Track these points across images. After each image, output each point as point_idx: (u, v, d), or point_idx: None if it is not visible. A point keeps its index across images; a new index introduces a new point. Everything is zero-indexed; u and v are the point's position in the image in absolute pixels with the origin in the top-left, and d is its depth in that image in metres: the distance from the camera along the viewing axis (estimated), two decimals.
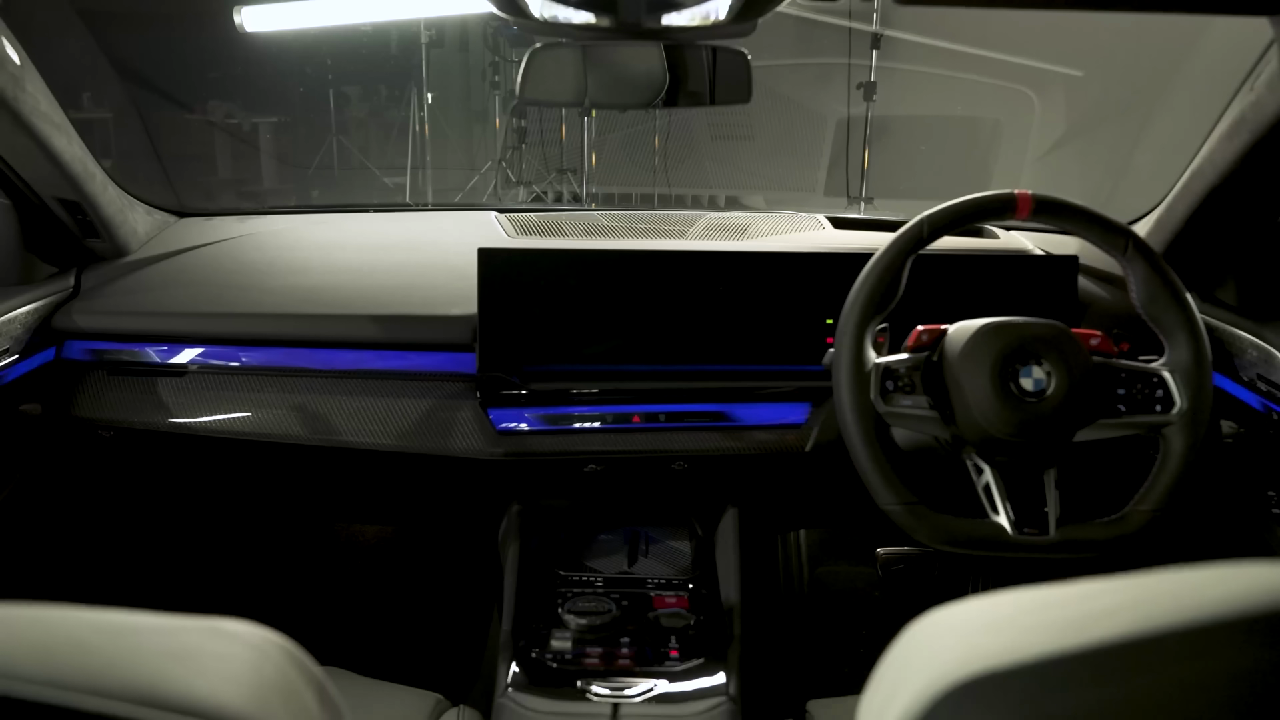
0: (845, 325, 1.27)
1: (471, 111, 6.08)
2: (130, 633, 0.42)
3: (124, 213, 1.63)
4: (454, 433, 1.51)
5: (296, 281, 1.59)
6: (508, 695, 1.24)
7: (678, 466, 1.57)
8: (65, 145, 1.42)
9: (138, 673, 0.40)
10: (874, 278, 1.28)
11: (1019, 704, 0.41)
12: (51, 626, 0.42)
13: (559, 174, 5.47)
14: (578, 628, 1.34)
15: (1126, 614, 0.42)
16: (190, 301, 1.56)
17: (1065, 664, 0.41)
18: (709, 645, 1.35)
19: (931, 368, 1.27)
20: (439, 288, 1.56)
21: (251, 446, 1.57)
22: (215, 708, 0.40)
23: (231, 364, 1.54)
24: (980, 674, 0.42)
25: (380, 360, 1.53)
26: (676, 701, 1.22)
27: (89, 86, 1.84)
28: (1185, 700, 0.40)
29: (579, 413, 1.51)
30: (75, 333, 1.55)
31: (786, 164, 5.19)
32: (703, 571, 1.54)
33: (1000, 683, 0.41)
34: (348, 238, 1.77)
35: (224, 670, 0.42)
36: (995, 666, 0.42)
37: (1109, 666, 0.41)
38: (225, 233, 1.75)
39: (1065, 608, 0.45)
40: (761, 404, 1.53)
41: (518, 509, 1.65)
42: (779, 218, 1.76)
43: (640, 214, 1.79)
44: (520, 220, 1.76)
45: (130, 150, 1.92)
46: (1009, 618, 0.45)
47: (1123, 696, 0.40)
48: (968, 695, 0.42)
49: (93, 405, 1.55)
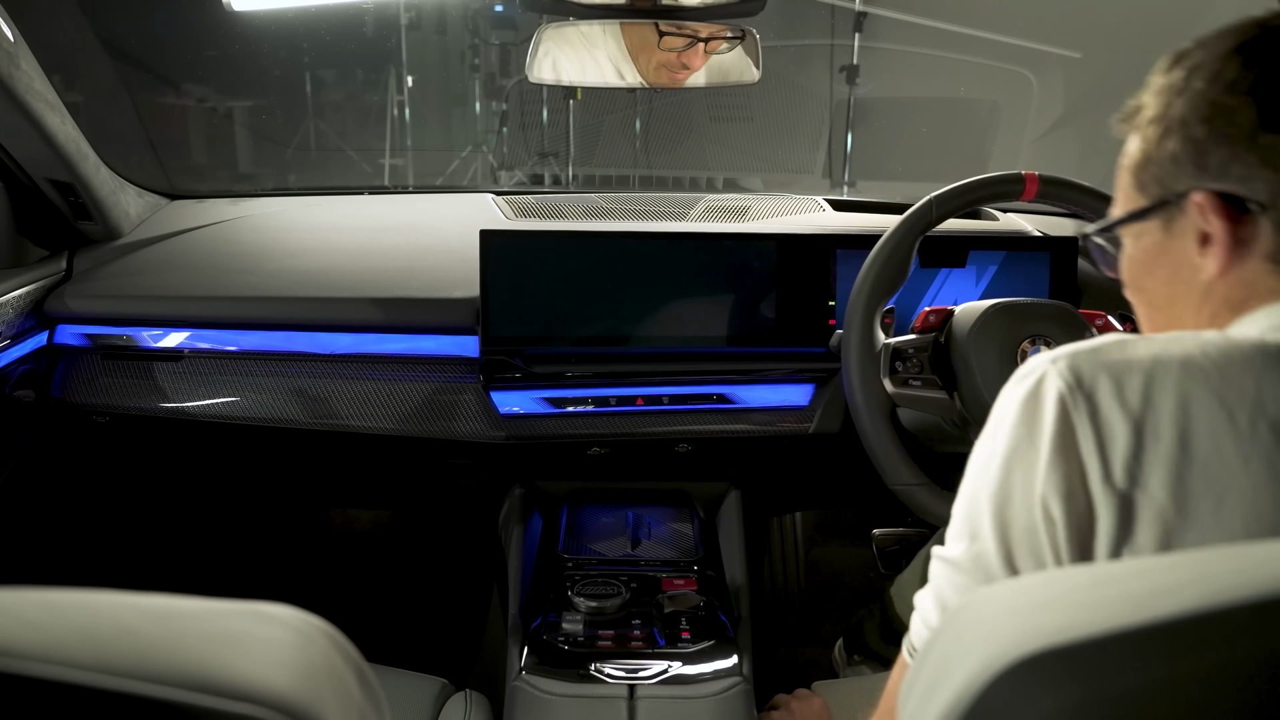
0: (854, 306, 1.27)
1: (450, 95, 6.02)
2: (175, 617, 0.42)
3: (116, 194, 1.60)
4: (456, 416, 1.50)
5: (294, 264, 1.57)
6: (521, 679, 1.23)
7: (681, 449, 1.57)
8: (59, 125, 1.39)
9: (186, 657, 0.39)
10: (883, 258, 1.28)
11: (1081, 681, 0.41)
12: (97, 611, 0.41)
13: (541, 158, 5.43)
14: (588, 610, 1.34)
15: (1192, 589, 0.42)
16: (185, 285, 1.54)
17: (1130, 639, 0.41)
18: (719, 627, 1.35)
19: (939, 349, 1.27)
20: (439, 270, 1.55)
21: (250, 431, 1.55)
22: (265, 692, 0.39)
23: (228, 348, 1.52)
24: (1039, 650, 0.42)
25: (381, 344, 1.51)
26: (691, 683, 1.23)
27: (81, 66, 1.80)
28: (1257, 674, 0.39)
29: (582, 395, 1.50)
30: (68, 317, 1.52)
31: (785, 145, 5.18)
32: (707, 553, 1.54)
33: (1061, 659, 0.41)
34: (344, 220, 1.75)
35: (272, 655, 0.42)
36: (1055, 643, 0.41)
37: (1177, 641, 0.40)
38: (219, 215, 1.73)
39: (1124, 584, 0.45)
40: (765, 386, 1.53)
41: (520, 492, 1.65)
42: (779, 200, 1.76)
43: (639, 196, 1.78)
44: (518, 203, 1.75)
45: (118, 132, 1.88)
46: (1064, 595, 0.45)
47: (1190, 672, 0.40)
48: (1027, 672, 0.42)
49: (86, 390, 1.53)
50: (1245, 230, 0.67)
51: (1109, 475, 0.59)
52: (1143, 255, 0.75)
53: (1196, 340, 0.62)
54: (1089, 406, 0.60)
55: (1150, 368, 0.60)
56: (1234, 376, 0.59)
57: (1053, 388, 0.62)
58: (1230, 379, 0.59)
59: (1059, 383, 0.62)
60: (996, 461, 0.65)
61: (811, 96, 4.96)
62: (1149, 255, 0.74)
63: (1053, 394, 0.62)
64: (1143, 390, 0.60)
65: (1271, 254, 0.66)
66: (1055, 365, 0.63)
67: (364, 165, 5.64)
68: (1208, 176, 0.67)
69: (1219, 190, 0.67)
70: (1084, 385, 0.61)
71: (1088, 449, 0.60)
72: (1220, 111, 0.66)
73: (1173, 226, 0.71)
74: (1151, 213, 0.72)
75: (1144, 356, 0.61)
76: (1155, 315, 0.76)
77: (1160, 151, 0.70)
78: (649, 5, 1.10)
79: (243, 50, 5.09)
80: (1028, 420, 0.63)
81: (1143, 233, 0.74)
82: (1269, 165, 0.65)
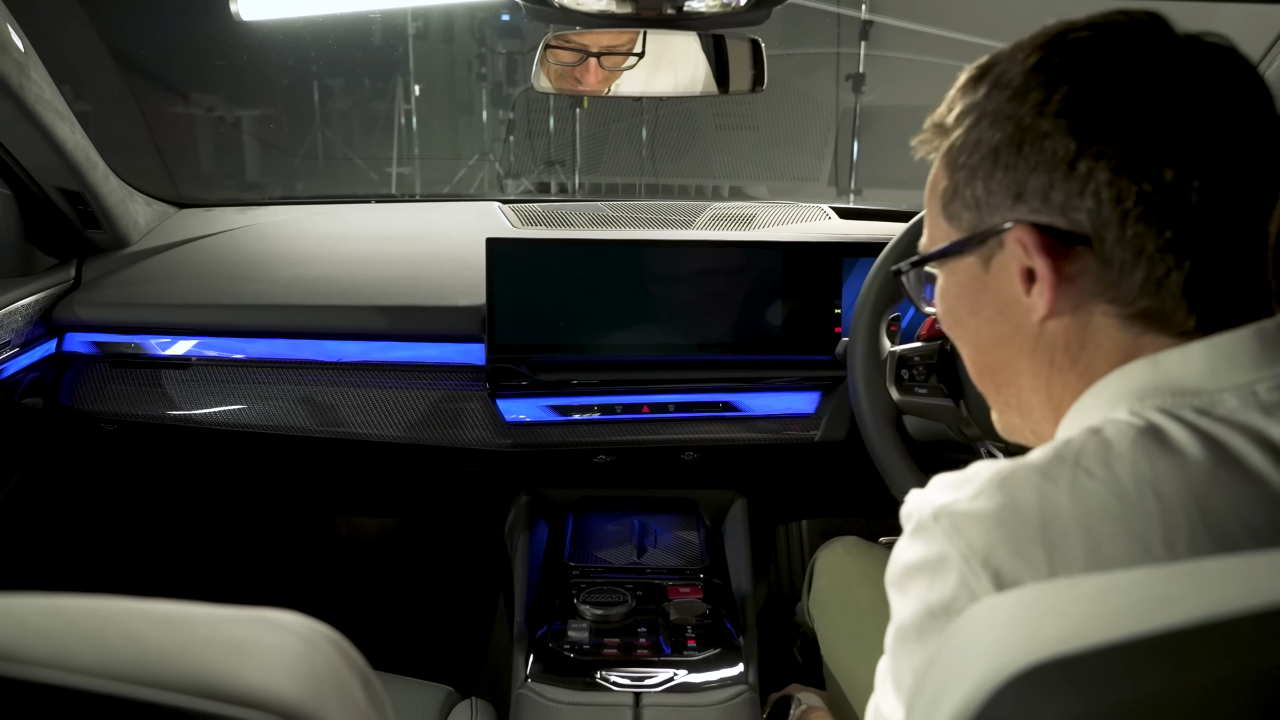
0: (860, 314, 1.27)
1: (457, 103, 6.04)
2: (181, 623, 0.42)
3: (125, 203, 1.61)
4: (462, 424, 1.50)
5: (301, 272, 1.58)
6: (527, 686, 1.23)
7: (687, 456, 1.57)
8: (68, 134, 1.40)
9: (192, 664, 0.39)
10: (889, 265, 1.28)
11: (1086, 691, 0.40)
12: (104, 617, 0.41)
13: (547, 166, 5.45)
14: (594, 618, 1.34)
15: (1197, 599, 0.42)
16: (193, 293, 1.55)
17: (1135, 650, 0.40)
18: (725, 635, 1.35)
19: (945, 356, 1.27)
20: (446, 278, 1.55)
21: (256, 439, 1.55)
22: (271, 699, 0.39)
23: (235, 356, 1.53)
24: (1044, 661, 0.41)
25: (387, 352, 1.52)
26: (697, 691, 1.22)
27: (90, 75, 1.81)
28: (1261, 686, 0.39)
29: (588, 403, 1.51)
30: (77, 325, 1.53)
31: (791, 153, 5.18)
32: (713, 562, 1.54)
33: (1066, 669, 0.41)
34: (351, 228, 1.75)
35: (277, 661, 0.42)
36: (1060, 653, 0.41)
37: (1181, 652, 0.40)
38: (226, 223, 1.74)
39: (1129, 593, 0.44)
40: (770, 393, 1.53)
41: (525, 500, 1.65)
42: (784, 208, 1.76)
43: (645, 204, 1.78)
44: (524, 211, 1.76)
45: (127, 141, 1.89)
46: (1069, 604, 0.45)
47: (1195, 683, 0.40)
48: (1033, 682, 0.41)
49: (95, 398, 1.54)
50: (1071, 265, 0.60)
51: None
52: (960, 292, 0.68)
53: (1075, 474, 0.55)
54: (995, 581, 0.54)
55: (1044, 528, 0.54)
56: (1130, 497, 0.53)
57: (953, 566, 0.56)
58: (1129, 503, 0.53)
59: (957, 559, 0.56)
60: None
61: (817, 104, 4.97)
62: (967, 292, 0.68)
63: (953, 572, 0.56)
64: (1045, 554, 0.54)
65: (1103, 291, 0.60)
66: (947, 535, 0.57)
67: (371, 174, 5.66)
68: (1024, 207, 0.61)
69: (1038, 223, 0.61)
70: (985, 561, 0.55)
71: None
72: (1031, 135, 0.60)
73: (991, 263, 0.65)
74: (967, 247, 0.65)
75: (1034, 514, 0.55)
76: (982, 357, 0.70)
77: (970, 179, 0.64)
78: (653, 15, 1.10)
79: (251, 59, 5.11)
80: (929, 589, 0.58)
81: (958, 268, 0.67)
82: (1089, 193, 0.59)
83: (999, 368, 0.68)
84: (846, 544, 1.43)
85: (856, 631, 1.28)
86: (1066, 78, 0.60)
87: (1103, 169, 0.58)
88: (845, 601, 1.34)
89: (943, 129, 0.68)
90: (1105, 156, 0.58)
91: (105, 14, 1.88)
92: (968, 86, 0.66)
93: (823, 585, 1.39)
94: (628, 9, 1.07)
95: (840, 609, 1.33)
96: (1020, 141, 0.61)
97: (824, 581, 1.39)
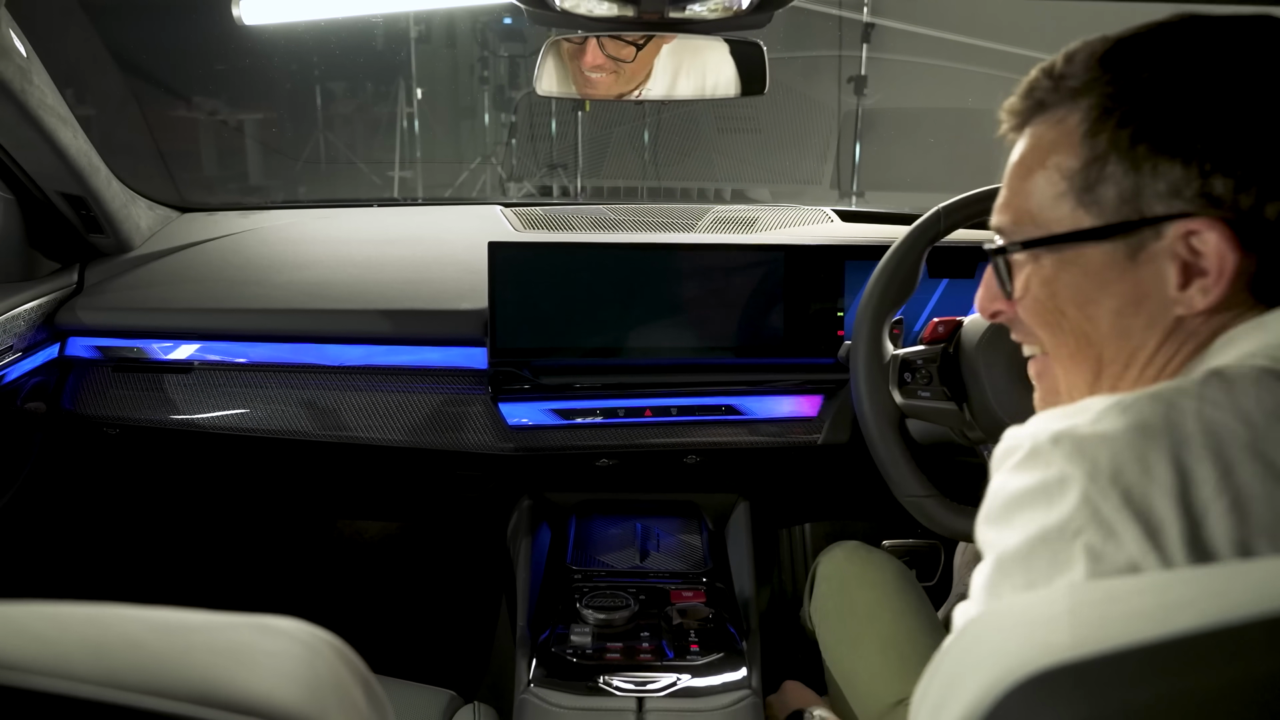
0: (863, 317, 1.27)
1: (459, 107, 6.05)
2: (182, 631, 0.42)
3: (127, 208, 1.61)
4: (465, 428, 1.50)
5: (303, 276, 1.58)
6: (530, 691, 1.23)
7: (690, 460, 1.56)
8: (71, 139, 1.40)
9: (193, 671, 0.39)
10: (891, 269, 1.28)
11: (1091, 697, 0.40)
12: (104, 625, 0.41)
13: (549, 169, 5.45)
14: (597, 623, 1.34)
15: (1204, 605, 0.42)
16: (195, 297, 1.55)
17: (1141, 656, 0.40)
18: (728, 639, 1.34)
19: (948, 359, 1.27)
20: (448, 282, 1.55)
21: (259, 443, 1.55)
22: (273, 706, 0.39)
23: (238, 360, 1.53)
24: (1049, 667, 0.41)
25: (389, 355, 1.52)
26: (700, 695, 1.22)
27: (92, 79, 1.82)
28: (1268, 691, 0.39)
29: (590, 407, 1.50)
30: (79, 329, 1.53)
31: (793, 156, 5.19)
32: (716, 565, 1.54)
33: (1071, 675, 0.41)
34: (353, 232, 1.75)
35: (279, 668, 0.42)
36: (1065, 660, 0.41)
37: (1187, 657, 0.40)
38: (229, 228, 1.74)
39: (1135, 599, 0.44)
40: (773, 397, 1.52)
41: (528, 504, 1.65)
42: (786, 211, 1.76)
43: (647, 207, 1.78)
44: (526, 215, 1.76)
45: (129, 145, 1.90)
46: (1073, 610, 0.45)
47: (1201, 688, 0.40)
48: (1038, 689, 0.41)
49: (97, 402, 1.54)
50: (1243, 263, 0.59)
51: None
52: (1079, 280, 0.64)
53: (1200, 404, 0.53)
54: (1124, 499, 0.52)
55: (1173, 448, 0.52)
56: (1258, 425, 0.52)
57: (1075, 485, 0.53)
58: (1257, 430, 0.52)
59: (1080, 478, 0.53)
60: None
61: (819, 107, 4.98)
62: (1091, 281, 0.64)
63: (1074, 491, 0.53)
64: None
65: (1249, 282, 0.59)
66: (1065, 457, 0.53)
67: (373, 177, 5.67)
68: (1186, 199, 0.59)
69: (1218, 218, 0.58)
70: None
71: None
72: (1183, 126, 0.58)
73: (1141, 253, 0.61)
74: (1110, 234, 0.62)
75: (1162, 434, 0.53)
76: (1089, 349, 0.66)
77: (1116, 160, 0.61)
78: (656, 18, 1.10)
79: (253, 63, 5.12)
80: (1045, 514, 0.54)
81: (1082, 256, 0.64)
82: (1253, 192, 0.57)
83: (1109, 360, 0.65)
84: (847, 549, 1.43)
85: (855, 636, 1.28)
86: (1221, 64, 0.58)
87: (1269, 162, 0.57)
88: (845, 607, 1.34)
89: (1068, 93, 0.64)
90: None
91: (107, 18, 1.89)
92: (1099, 54, 0.63)
93: (824, 591, 1.39)
94: (629, 12, 1.07)
95: (840, 614, 1.33)
96: (1181, 126, 0.58)
97: (825, 587, 1.39)
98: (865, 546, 1.44)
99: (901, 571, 1.39)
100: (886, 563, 1.40)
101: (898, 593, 1.34)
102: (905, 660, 1.22)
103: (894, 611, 1.30)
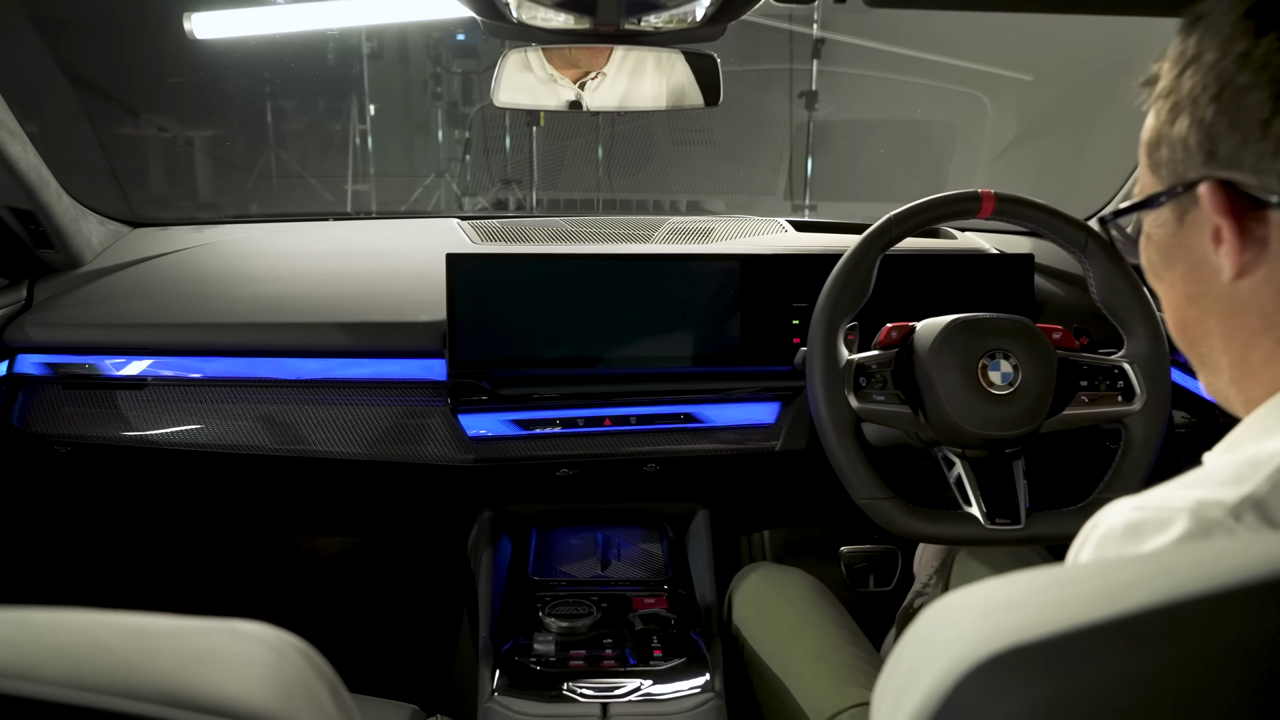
0: (818, 323, 1.29)
1: (413, 123, 6.03)
2: (150, 634, 0.42)
3: (78, 222, 1.59)
4: (424, 440, 1.50)
5: (259, 290, 1.57)
6: (494, 700, 1.23)
7: (649, 468, 1.58)
8: (20, 152, 1.38)
9: (161, 674, 0.39)
10: (844, 275, 1.31)
11: (1049, 675, 0.41)
12: (73, 629, 0.41)
13: (504, 184, 5.45)
14: (560, 630, 1.34)
15: (1153, 583, 0.43)
16: (149, 312, 1.53)
17: (1096, 633, 0.42)
18: (691, 644, 1.35)
19: (902, 364, 1.29)
20: (406, 294, 1.55)
21: (215, 459, 1.54)
22: (240, 707, 0.40)
23: (192, 375, 1.51)
24: (1007, 648, 0.42)
25: (347, 368, 1.51)
26: (664, 700, 1.23)
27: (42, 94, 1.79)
28: (1221, 664, 0.41)
29: (550, 417, 1.51)
30: (28, 346, 1.50)
31: (747, 168, 5.23)
32: (677, 573, 1.55)
33: (1028, 655, 0.42)
34: (309, 246, 1.74)
35: (247, 671, 0.42)
36: (1022, 640, 0.42)
37: (1141, 634, 0.41)
38: (182, 242, 1.72)
39: (1086, 582, 0.46)
40: (731, 404, 1.54)
41: (489, 515, 1.64)
42: (741, 221, 1.78)
43: (604, 219, 1.79)
44: (484, 227, 1.76)
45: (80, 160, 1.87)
46: (1027, 594, 0.46)
47: (1157, 663, 0.41)
48: (995, 669, 0.42)
49: (48, 420, 1.51)
50: (1262, 228, 0.58)
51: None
52: (1160, 244, 0.66)
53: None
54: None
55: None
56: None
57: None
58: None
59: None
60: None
61: (772, 120, 5.03)
62: (1164, 247, 0.65)
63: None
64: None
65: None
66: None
67: (326, 193, 5.63)
68: (1217, 164, 0.59)
69: (1227, 180, 0.58)
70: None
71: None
72: (1230, 90, 0.57)
73: (1186, 218, 0.62)
74: (1162, 200, 0.63)
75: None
76: (1175, 313, 0.67)
77: (1171, 131, 0.62)
78: (611, 30, 1.12)
79: (206, 78, 5.06)
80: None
81: (1157, 220, 0.65)
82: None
83: (1190, 325, 0.66)
84: (761, 570, 1.47)
85: (783, 655, 1.31)
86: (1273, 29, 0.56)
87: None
88: (767, 627, 1.37)
89: (1155, 76, 0.64)
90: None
91: (58, 33, 1.87)
92: (1183, 31, 0.62)
93: (743, 614, 1.42)
94: (585, 25, 1.08)
95: (764, 635, 1.36)
96: (1219, 94, 0.58)
97: (744, 610, 1.42)
98: (779, 566, 1.48)
99: (817, 587, 1.43)
100: (802, 580, 1.44)
101: (817, 608, 1.37)
102: (835, 672, 1.25)
103: (817, 626, 1.33)
